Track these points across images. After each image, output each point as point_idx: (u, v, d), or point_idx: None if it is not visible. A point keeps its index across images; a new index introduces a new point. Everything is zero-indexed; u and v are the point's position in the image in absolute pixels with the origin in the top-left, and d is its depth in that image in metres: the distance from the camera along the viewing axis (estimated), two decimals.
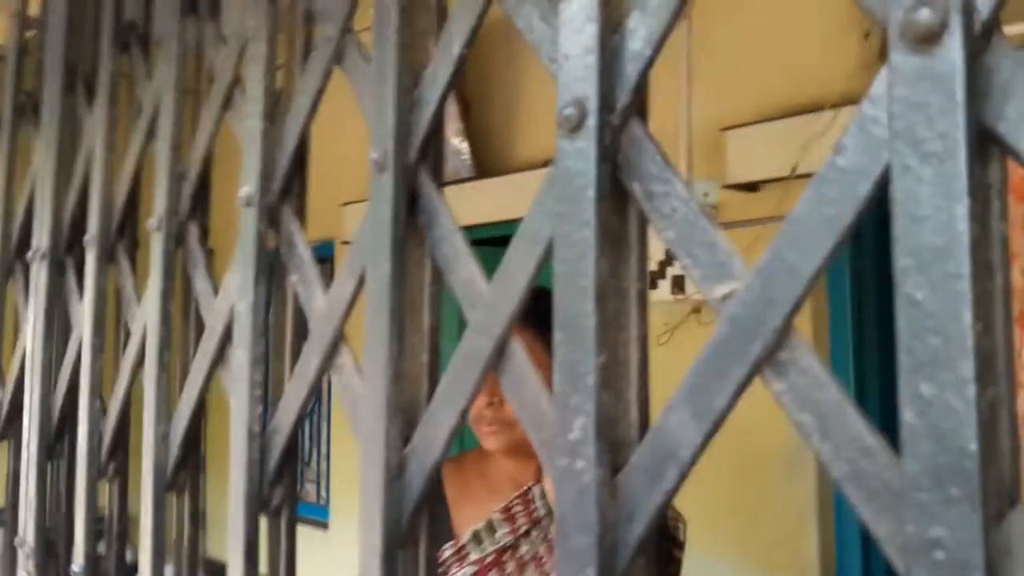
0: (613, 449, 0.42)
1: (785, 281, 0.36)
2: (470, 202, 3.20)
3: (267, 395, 0.66)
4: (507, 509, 1.38)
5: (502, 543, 1.36)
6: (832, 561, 2.71)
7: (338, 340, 0.60)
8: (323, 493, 4.23)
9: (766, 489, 2.71)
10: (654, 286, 2.91)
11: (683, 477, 0.39)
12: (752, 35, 2.73)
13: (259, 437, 0.64)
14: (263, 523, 0.67)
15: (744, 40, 2.74)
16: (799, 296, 0.36)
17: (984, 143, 0.32)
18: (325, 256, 4.09)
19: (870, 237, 2.75)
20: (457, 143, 3.39)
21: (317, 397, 4.37)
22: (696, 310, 2.69)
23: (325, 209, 3.51)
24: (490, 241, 3.44)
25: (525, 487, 1.38)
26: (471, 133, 3.42)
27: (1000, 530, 0.30)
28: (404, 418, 0.53)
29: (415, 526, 0.53)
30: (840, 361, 2.72)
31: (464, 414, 0.50)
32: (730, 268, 0.39)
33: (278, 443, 0.63)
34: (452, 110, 3.57)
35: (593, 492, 0.41)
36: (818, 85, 2.49)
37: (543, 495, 1.35)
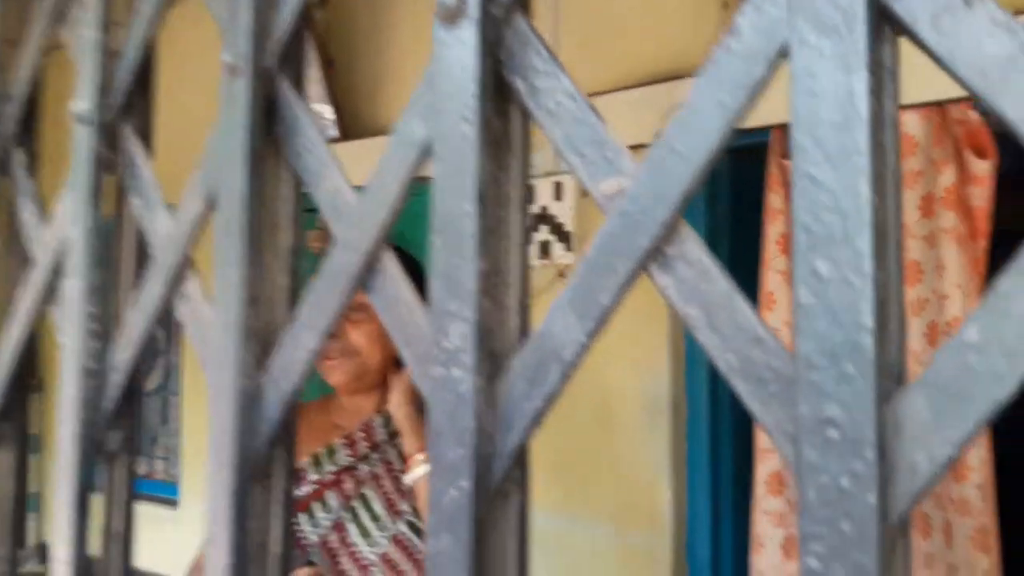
0: (491, 358, 0.39)
1: (675, 171, 0.34)
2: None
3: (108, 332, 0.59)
4: (348, 436, 1.41)
5: (341, 464, 1.39)
6: (683, 516, 2.83)
7: (184, 266, 0.55)
8: (172, 470, 4.04)
9: (622, 444, 2.79)
10: (545, 255, 2.91)
11: (565, 378, 0.37)
12: (614, 3, 2.76)
13: (94, 375, 0.58)
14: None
15: (607, 8, 2.76)
16: (690, 186, 0.34)
17: (880, 22, 0.31)
18: None
19: (724, 200, 2.85)
20: (320, 105, 3.27)
21: (167, 371, 4.16)
22: (561, 274, 2.71)
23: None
24: None
25: (368, 418, 1.42)
26: (335, 94, 3.31)
27: (890, 407, 0.29)
28: (260, 344, 0.49)
29: (272, 459, 0.49)
30: None
31: (328, 335, 0.46)
32: (619, 164, 0.37)
33: (116, 381, 0.57)
34: (314, 71, 3.45)
35: (470, 401, 0.38)
36: (680, 53, 2.54)
37: (384, 423, 1.40)
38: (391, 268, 0.44)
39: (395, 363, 1.41)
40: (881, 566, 0.28)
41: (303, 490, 1.39)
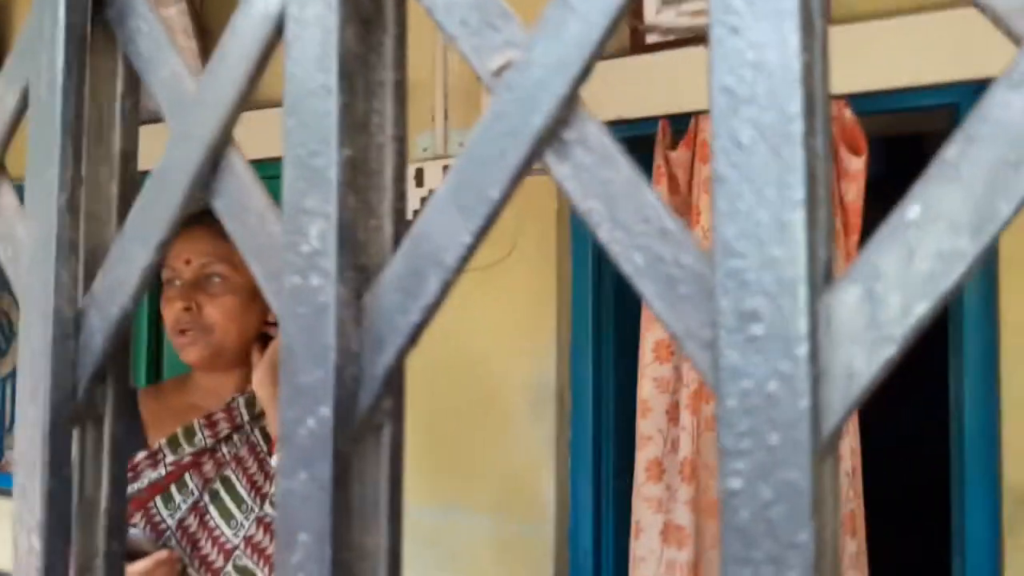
0: (358, 270, 0.33)
1: (574, 35, 0.29)
2: (240, 136, 2.94)
3: None
4: (209, 416, 1.33)
5: (200, 446, 1.31)
6: (566, 505, 2.82)
7: None
8: None
9: (506, 433, 2.75)
10: None
11: (447, 287, 0.31)
12: None
13: None
14: None
15: None
16: (591, 53, 0.29)
17: None
18: None
19: None
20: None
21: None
22: None
23: None
24: None
25: (229, 398, 1.34)
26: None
27: (823, 300, 0.25)
28: (84, 264, 0.41)
29: (95, 398, 0.41)
30: (580, 311, 2.81)
31: (163, 248, 0.38)
32: (508, 32, 0.31)
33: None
34: (191, 45, 3.28)
35: (331, 313, 0.32)
36: None
37: (248, 403, 1.32)
38: (239, 166, 0.37)
39: (258, 339, 1.33)
40: (814, 485, 0.24)
41: (159, 472, 1.29)
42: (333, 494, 0.32)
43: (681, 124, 2.50)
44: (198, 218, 1.37)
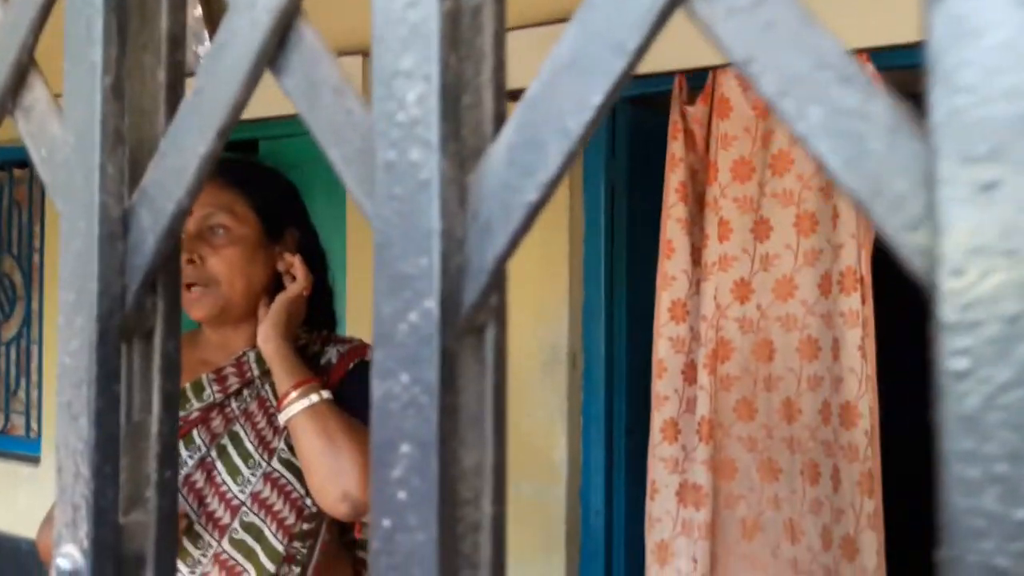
0: (462, 142, 0.29)
1: None
2: None
3: None
4: (219, 371, 1.29)
5: (208, 401, 1.26)
6: (578, 466, 2.80)
7: (25, 67, 0.41)
8: (34, 425, 3.73)
9: (518, 396, 2.72)
10: None
11: (570, 159, 0.27)
12: None
13: None
14: None
15: None
16: None
17: None
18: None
19: (623, 150, 2.81)
20: (199, 29, 3.02)
21: (26, 318, 3.83)
22: None
23: None
24: (240, 145, 3.12)
25: (240, 352, 1.29)
26: (214, 21, 3.06)
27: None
28: (129, 157, 0.37)
29: (145, 308, 0.36)
30: (592, 272, 2.77)
31: (224, 134, 0.34)
32: None
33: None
34: (196, 11, 3.20)
35: (435, 192, 0.27)
36: None
37: (258, 358, 1.27)
38: (309, 37, 0.32)
39: (265, 292, 1.28)
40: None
41: None
42: (440, 399, 0.28)
43: (698, 79, 2.44)
44: None
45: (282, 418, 1.19)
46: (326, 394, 1.19)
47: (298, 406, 1.17)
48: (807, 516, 2.45)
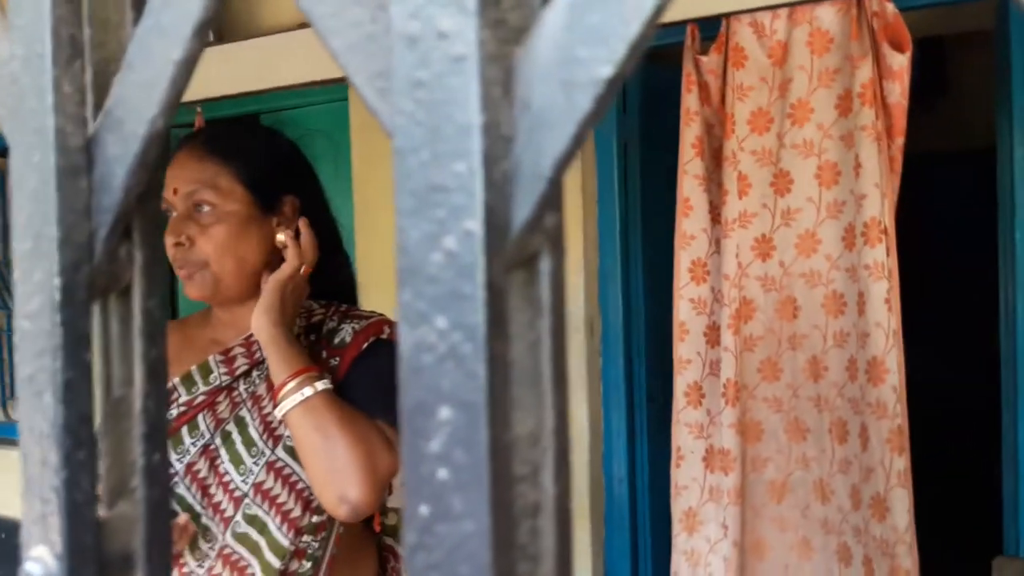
0: (501, 3, 0.22)
1: None
2: (208, 71, 2.80)
3: None
4: (227, 351, 1.22)
5: (215, 384, 1.19)
6: (600, 434, 2.75)
7: None
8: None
9: None
10: None
11: (657, 12, 0.20)
12: None
13: None
14: None
15: None
16: None
17: None
18: None
19: (635, 107, 2.72)
20: None
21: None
22: None
23: None
24: (241, 120, 3.05)
25: (248, 332, 1.21)
26: None
27: None
28: (93, 79, 0.30)
29: (119, 259, 0.30)
30: (607, 235, 2.70)
31: (203, 31, 0.27)
32: None
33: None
34: None
35: (472, 74, 0.21)
36: None
37: None
38: None
39: (267, 266, 1.20)
40: None
41: (170, 414, 1.18)
42: (488, 347, 0.21)
43: (711, 28, 2.35)
44: (190, 138, 1.24)
45: (278, 413, 1.11)
46: (322, 385, 1.11)
47: (292, 400, 1.09)
48: (836, 475, 2.39)
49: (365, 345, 1.21)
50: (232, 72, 2.77)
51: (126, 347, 0.31)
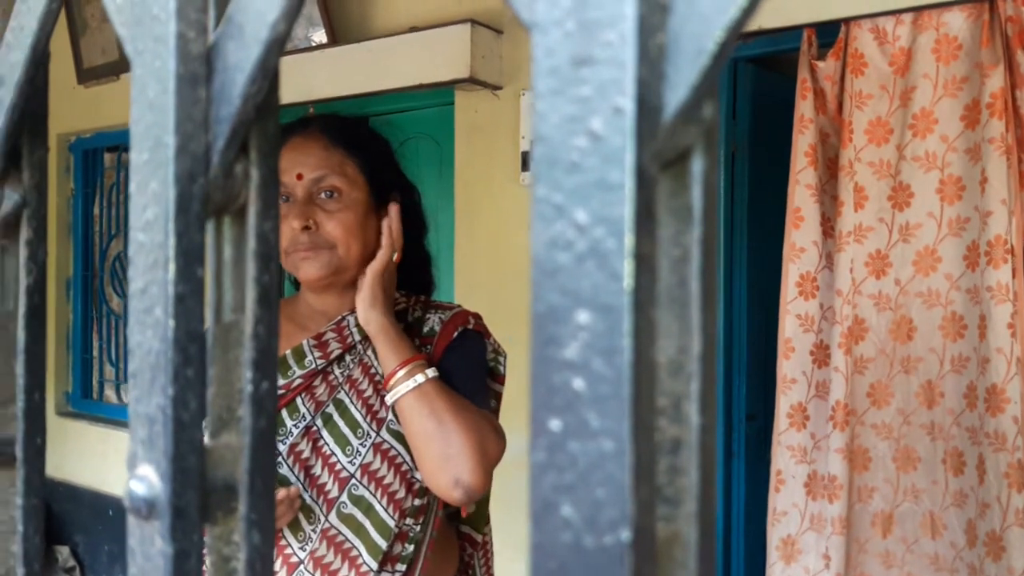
0: None
1: None
2: (323, 73, 2.87)
3: None
4: (319, 336, 1.23)
5: (311, 368, 1.21)
6: None
7: None
8: None
9: None
10: (526, 167, 2.71)
11: None
12: None
13: None
14: None
15: None
16: None
17: None
18: None
19: (745, 113, 2.65)
20: (308, 7, 3.03)
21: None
22: None
23: None
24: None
25: (339, 317, 1.24)
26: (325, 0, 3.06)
27: None
28: None
29: (234, 176, 0.29)
30: None
31: None
32: None
33: (3, 102, 0.37)
34: None
35: None
36: None
37: (358, 323, 1.21)
38: None
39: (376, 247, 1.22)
40: None
41: None
42: (636, 243, 0.19)
43: (829, 34, 2.26)
44: (305, 125, 1.26)
45: (389, 399, 1.13)
46: (432, 372, 1.13)
47: (404, 387, 1.11)
48: (950, 509, 2.25)
49: (455, 334, 1.23)
50: (343, 74, 2.84)
51: (239, 271, 0.30)
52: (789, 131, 2.34)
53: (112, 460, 3.84)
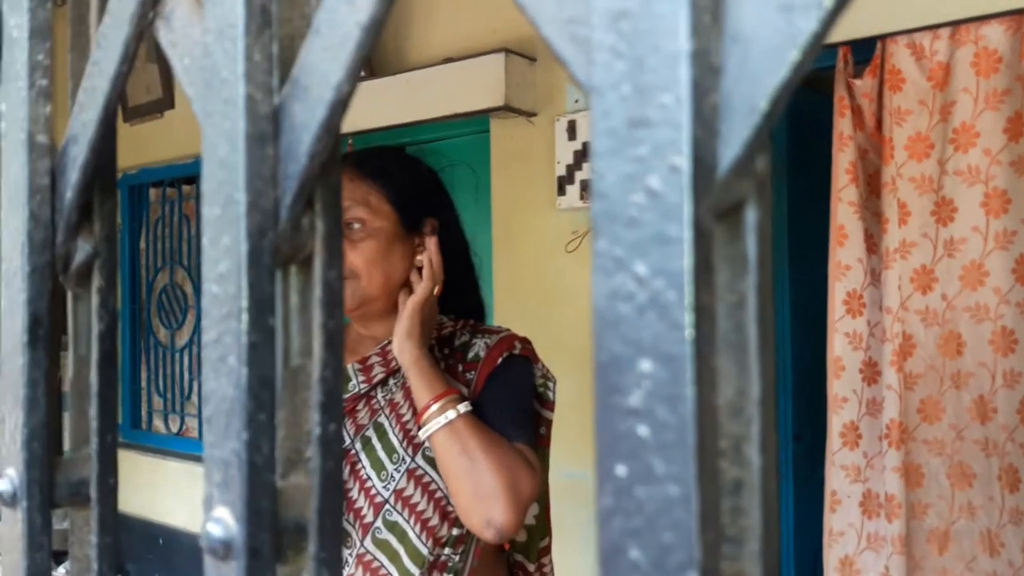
0: None
1: None
2: (362, 105, 2.92)
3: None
4: (364, 360, 1.24)
5: (355, 391, 1.22)
6: None
7: None
8: None
9: None
10: (562, 192, 2.72)
11: None
12: None
13: (47, 153, 0.40)
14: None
15: None
16: None
17: None
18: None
19: (782, 133, 2.64)
20: None
21: (196, 328, 4.03)
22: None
23: None
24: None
25: (384, 342, 1.25)
26: None
27: None
28: (280, 45, 0.31)
29: (301, 228, 0.30)
30: None
31: None
32: None
33: (76, 159, 0.39)
34: None
35: (682, 0, 0.19)
36: None
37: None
38: None
39: (405, 284, 1.23)
40: None
41: None
42: (696, 296, 0.20)
43: (864, 51, 2.25)
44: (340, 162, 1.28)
45: (422, 434, 1.13)
46: (465, 407, 1.12)
47: (436, 423, 1.11)
48: (1007, 526, 2.19)
49: (499, 360, 1.22)
50: (381, 106, 2.88)
51: (305, 317, 0.31)
52: (826, 149, 2.33)
53: (162, 489, 3.90)
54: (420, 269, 1.22)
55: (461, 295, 1.33)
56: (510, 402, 1.19)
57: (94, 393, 0.40)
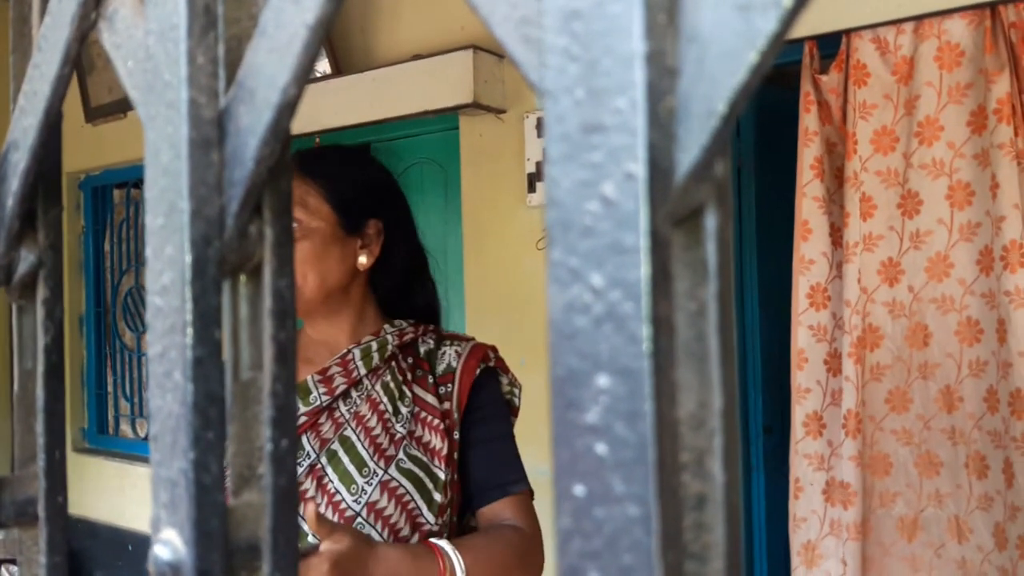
0: None
1: None
2: (328, 103, 2.89)
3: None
4: (324, 371, 1.22)
5: (315, 404, 1.19)
6: None
7: None
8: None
9: None
10: (532, 189, 2.71)
11: None
12: None
13: None
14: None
15: None
16: None
17: None
18: None
19: (749, 129, 2.65)
20: None
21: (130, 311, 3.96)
22: None
23: None
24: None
25: (344, 350, 1.23)
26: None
27: None
28: (225, 48, 0.29)
29: (249, 236, 0.29)
30: None
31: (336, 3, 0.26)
32: None
33: (17, 165, 0.37)
34: None
35: (636, 0, 0.19)
36: None
37: (364, 355, 1.22)
38: None
39: (345, 285, 1.21)
40: None
41: None
42: (653, 307, 0.19)
43: (830, 46, 2.27)
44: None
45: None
46: (456, 557, 1.10)
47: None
48: (976, 512, 2.23)
49: (478, 371, 1.21)
50: (348, 103, 2.85)
51: (255, 328, 0.30)
52: (793, 144, 2.34)
53: (130, 495, 3.84)
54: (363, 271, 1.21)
55: (412, 297, 1.31)
56: (502, 441, 1.21)
57: (40, 408, 0.39)
